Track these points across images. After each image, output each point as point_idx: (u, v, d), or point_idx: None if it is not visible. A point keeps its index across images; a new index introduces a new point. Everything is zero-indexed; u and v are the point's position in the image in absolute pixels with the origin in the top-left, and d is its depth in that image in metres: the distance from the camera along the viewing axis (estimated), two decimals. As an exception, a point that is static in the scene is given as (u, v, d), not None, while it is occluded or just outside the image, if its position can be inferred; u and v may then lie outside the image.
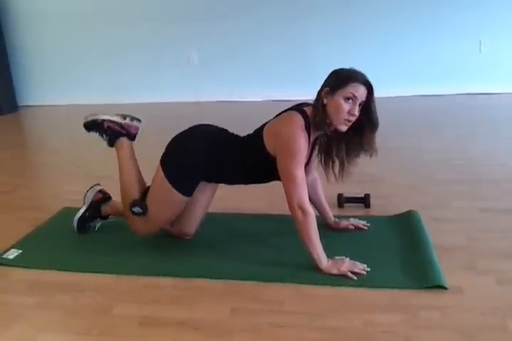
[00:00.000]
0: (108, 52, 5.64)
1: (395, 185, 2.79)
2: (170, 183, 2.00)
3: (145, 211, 2.04)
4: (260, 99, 5.41)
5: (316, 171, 2.20)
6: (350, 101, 1.83)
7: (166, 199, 2.04)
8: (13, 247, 2.22)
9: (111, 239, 2.29)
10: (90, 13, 5.58)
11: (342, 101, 1.82)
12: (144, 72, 5.63)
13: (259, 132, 1.99)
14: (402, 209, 2.39)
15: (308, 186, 2.12)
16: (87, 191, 2.34)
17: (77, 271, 2.02)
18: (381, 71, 5.12)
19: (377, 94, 1.89)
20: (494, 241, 2.08)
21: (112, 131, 2.22)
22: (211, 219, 2.31)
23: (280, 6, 5.24)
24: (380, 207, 2.46)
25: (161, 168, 2.04)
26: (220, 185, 2.20)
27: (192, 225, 2.19)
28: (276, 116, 2.02)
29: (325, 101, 1.86)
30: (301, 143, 1.83)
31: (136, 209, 2.05)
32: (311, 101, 1.96)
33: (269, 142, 1.93)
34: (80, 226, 2.31)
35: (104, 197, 2.33)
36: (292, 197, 1.84)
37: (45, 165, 3.66)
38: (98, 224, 2.35)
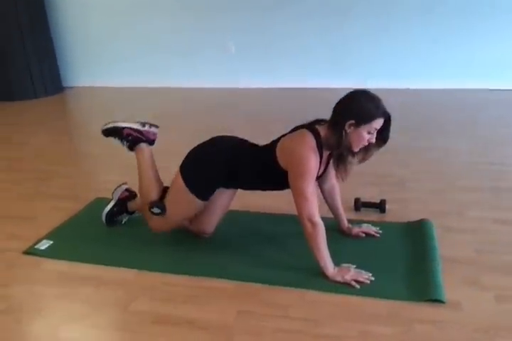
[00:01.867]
0: (151, 38, 5.76)
1: (415, 189, 2.81)
2: (188, 188, 2.12)
3: (163, 211, 2.18)
4: (293, 87, 5.47)
5: (335, 179, 2.26)
6: (371, 133, 1.95)
7: (183, 201, 2.17)
8: (45, 238, 2.40)
9: (136, 233, 2.42)
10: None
11: (365, 134, 1.93)
12: (184, 58, 5.73)
13: (273, 145, 2.07)
14: (417, 216, 2.43)
15: (326, 192, 2.26)
16: (115, 189, 2.49)
17: (102, 264, 2.18)
18: (416, 65, 5.12)
19: (413, 86, 1.90)
20: (503, 255, 2.10)
21: (132, 138, 2.35)
22: (232, 217, 2.42)
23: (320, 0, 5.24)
24: (395, 212, 2.50)
25: (180, 174, 2.15)
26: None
27: (211, 225, 2.30)
28: (291, 130, 2.09)
29: (348, 130, 1.93)
30: (312, 163, 1.92)
31: (155, 209, 2.19)
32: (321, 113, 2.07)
33: (280, 157, 2.01)
34: (108, 220, 2.48)
35: (130, 195, 2.49)
36: (302, 211, 1.94)
37: (84, 152, 3.83)
38: (125, 218, 2.50)
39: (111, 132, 2.39)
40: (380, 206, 2.48)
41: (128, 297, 1.95)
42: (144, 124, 2.37)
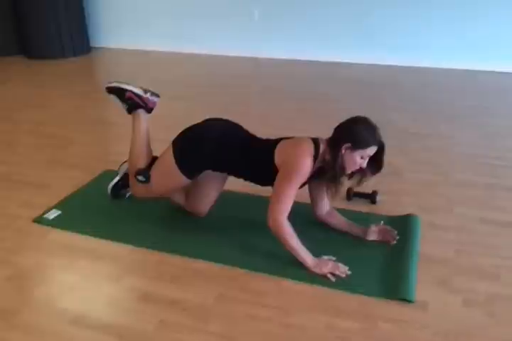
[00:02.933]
0: (177, 3, 5.72)
1: (410, 181, 2.83)
2: (176, 164, 2.21)
3: (147, 180, 2.29)
4: (315, 60, 5.42)
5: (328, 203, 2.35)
6: (364, 158, 2.07)
7: (169, 175, 2.27)
8: (54, 207, 2.57)
9: (138, 209, 2.56)
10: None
11: (358, 159, 2.06)
12: (208, 25, 5.69)
13: (274, 143, 2.15)
14: (406, 210, 2.48)
15: (326, 216, 2.34)
16: (121, 165, 2.62)
17: (102, 238, 2.33)
18: (442, 43, 5.00)
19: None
20: (480, 258, 2.15)
21: (132, 102, 2.40)
22: (229, 198, 2.54)
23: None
24: (386, 204, 2.56)
25: (171, 149, 2.24)
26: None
27: (204, 206, 2.42)
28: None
29: (343, 152, 2.04)
30: (305, 167, 2.02)
31: (140, 177, 2.30)
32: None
33: (278, 160, 2.11)
34: (113, 193, 2.63)
35: (135, 171, 2.61)
36: (271, 213, 2.05)
37: (104, 119, 3.92)
38: (128, 193, 2.64)
39: (113, 91, 2.44)
40: (371, 197, 2.55)
41: (121, 272, 2.11)
42: (146, 91, 2.42)
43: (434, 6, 4.90)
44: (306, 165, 2.03)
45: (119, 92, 2.42)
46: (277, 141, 2.18)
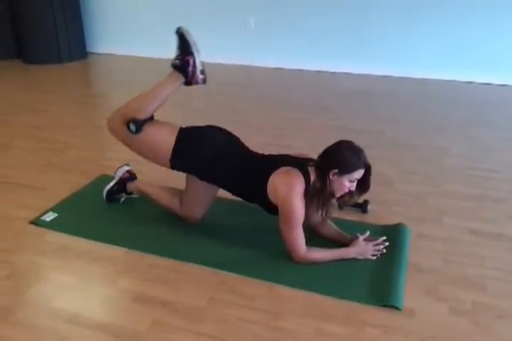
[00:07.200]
0: (174, 11, 5.78)
1: (401, 191, 2.87)
2: (172, 151, 2.23)
3: (136, 133, 2.23)
4: (310, 69, 5.48)
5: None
6: (352, 181, 2.14)
7: (156, 150, 2.28)
8: (51, 210, 2.61)
9: (134, 213, 2.61)
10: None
11: (347, 183, 2.13)
12: (203, 32, 5.68)
13: (264, 177, 2.18)
14: (396, 219, 2.53)
15: (317, 224, 2.39)
16: (118, 169, 2.67)
17: (98, 240, 2.37)
18: (435, 53, 5.06)
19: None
20: (468, 268, 2.19)
21: (184, 66, 2.26)
22: (222, 205, 2.58)
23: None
24: (376, 213, 2.60)
25: (176, 135, 2.25)
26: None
27: (198, 212, 2.45)
28: (285, 159, 2.24)
29: (331, 178, 2.11)
30: (297, 209, 2.10)
31: (132, 126, 2.23)
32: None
33: (271, 194, 2.17)
34: (107, 197, 2.67)
35: (130, 176, 2.67)
36: (293, 254, 2.18)
37: (99, 125, 3.78)
38: (123, 197, 2.68)
39: (183, 42, 2.27)
40: (362, 206, 2.60)
41: (116, 274, 2.15)
42: (203, 71, 2.32)
43: (429, 16, 4.96)
44: (298, 207, 2.09)
45: (184, 48, 2.27)
46: (271, 167, 2.19)
